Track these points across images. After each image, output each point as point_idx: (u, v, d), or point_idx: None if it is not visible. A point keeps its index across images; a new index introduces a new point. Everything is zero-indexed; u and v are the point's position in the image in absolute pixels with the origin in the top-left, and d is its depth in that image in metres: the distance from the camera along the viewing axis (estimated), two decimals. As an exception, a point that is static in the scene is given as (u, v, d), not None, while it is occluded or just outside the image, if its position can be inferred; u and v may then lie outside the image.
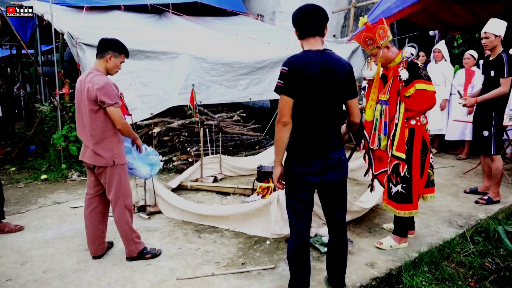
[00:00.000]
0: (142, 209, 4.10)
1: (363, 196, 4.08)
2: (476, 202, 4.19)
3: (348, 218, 3.70)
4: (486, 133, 4.11)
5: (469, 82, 6.08)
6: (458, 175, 5.34)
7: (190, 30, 7.24)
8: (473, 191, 4.50)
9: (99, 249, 3.07)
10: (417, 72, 3.01)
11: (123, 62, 3.00)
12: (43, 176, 5.46)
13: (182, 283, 2.73)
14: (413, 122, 3.12)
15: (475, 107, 4.34)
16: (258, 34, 7.61)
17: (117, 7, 7.10)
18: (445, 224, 3.70)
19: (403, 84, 3.04)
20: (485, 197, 4.19)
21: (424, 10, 6.95)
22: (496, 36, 3.98)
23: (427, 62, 6.98)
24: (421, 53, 6.81)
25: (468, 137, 6.22)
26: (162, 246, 3.28)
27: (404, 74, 3.01)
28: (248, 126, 7.01)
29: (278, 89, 2.19)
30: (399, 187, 3.13)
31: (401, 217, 3.19)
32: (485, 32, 4.03)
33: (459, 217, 3.87)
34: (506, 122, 5.07)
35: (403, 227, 3.26)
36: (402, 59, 3.10)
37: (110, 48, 2.88)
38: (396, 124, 3.08)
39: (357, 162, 5.16)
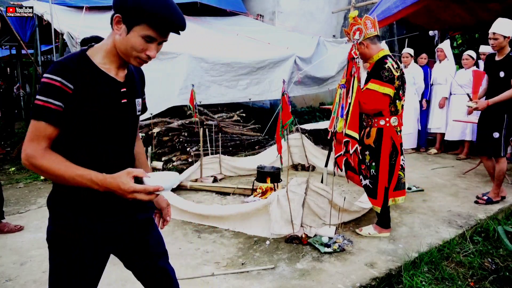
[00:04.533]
0: (141, 209, 4.09)
1: (363, 196, 4.07)
2: (476, 202, 4.18)
3: (348, 218, 3.71)
4: (496, 134, 4.02)
5: (479, 84, 5.91)
6: (458, 175, 5.34)
7: (190, 30, 7.22)
8: (489, 201, 4.19)
9: None
10: (378, 72, 3.04)
11: None
12: (43, 176, 5.45)
13: (182, 283, 2.71)
14: (382, 122, 3.18)
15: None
16: (258, 34, 7.62)
17: (117, 7, 7.09)
18: (445, 224, 3.70)
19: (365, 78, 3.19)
20: (485, 197, 4.17)
21: (424, 10, 6.97)
22: (505, 37, 3.88)
23: (429, 62, 7.00)
24: (423, 55, 6.78)
25: (468, 137, 6.22)
26: (162, 246, 3.28)
27: (359, 59, 3.13)
28: (247, 126, 7.01)
29: None
30: (367, 181, 3.33)
31: (381, 209, 3.34)
32: (493, 33, 3.91)
33: (458, 217, 3.87)
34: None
35: (384, 219, 3.40)
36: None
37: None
38: (349, 104, 3.10)
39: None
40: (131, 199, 1.31)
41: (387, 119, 3.16)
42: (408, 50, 6.71)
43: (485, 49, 6.10)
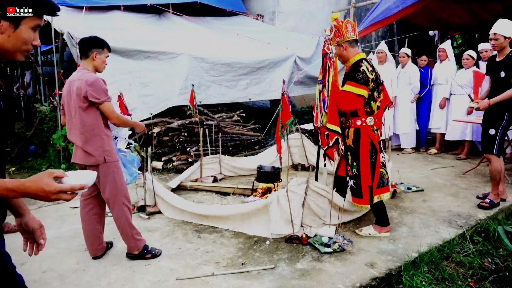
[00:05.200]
0: (142, 209, 4.10)
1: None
2: (479, 206, 4.09)
3: (348, 218, 3.71)
4: (492, 131, 4.01)
5: (479, 85, 5.90)
6: (458, 175, 5.34)
7: (190, 30, 7.24)
8: (487, 196, 4.22)
9: (98, 249, 3.07)
10: (354, 74, 3.18)
11: (108, 56, 3.02)
12: None
13: (181, 283, 2.73)
14: (358, 122, 3.30)
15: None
16: (258, 34, 7.61)
17: (117, 7, 7.09)
18: (445, 224, 3.70)
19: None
20: (487, 200, 4.10)
21: (424, 10, 6.96)
22: (505, 37, 3.88)
23: (429, 63, 7.00)
24: (424, 57, 6.77)
25: (469, 137, 6.22)
26: (162, 246, 3.28)
27: (333, 50, 3.32)
28: (247, 126, 7.01)
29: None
30: (351, 182, 3.43)
31: (375, 208, 3.43)
32: (494, 34, 3.92)
33: (458, 217, 3.87)
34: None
35: (382, 217, 3.45)
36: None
37: (93, 46, 2.89)
38: (326, 98, 3.32)
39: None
40: (54, 200, 1.27)
41: (363, 119, 3.29)
42: (405, 50, 6.74)
43: (484, 46, 6.10)
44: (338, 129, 3.24)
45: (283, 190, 3.37)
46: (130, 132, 3.24)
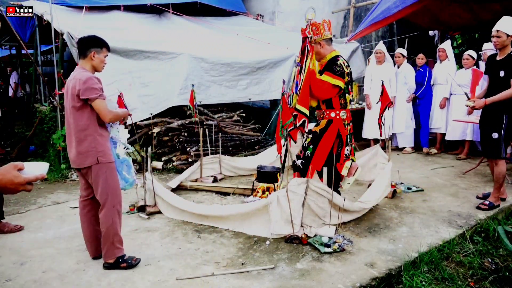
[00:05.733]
0: (142, 209, 4.10)
1: (362, 196, 4.07)
2: (478, 207, 4.05)
3: (348, 218, 3.71)
4: (495, 135, 3.93)
5: (477, 83, 5.89)
6: (458, 175, 5.34)
7: (190, 30, 7.24)
8: (487, 196, 4.21)
9: (98, 250, 3.04)
10: (331, 67, 3.46)
11: (107, 56, 2.98)
12: (43, 176, 5.45)
13: (181, 283, 2.73)
14: (332, 114, 3.56)
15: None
16: (258, 34, 7.61)
17: (117, 7, 7.09)
18: (445, 224, 3.70)
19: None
20: (487, 202, 4.06)
21: (424, 10, 6.97)
22: (508, 35, 3.78)
23: (428, 62, 7.00)
24: (421, 55, 6.78)
25: (469, 137, 6.22)
26: (162, 246, 3.28)
27: (313, 38, 3.49)
28: (247, 126, 7.00)
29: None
30: (299, 161, 3.63)
31: None
32: (497, 31, 3.81)
33: (458, 217, 3.87)
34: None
35: None
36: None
37: (91, 45, 2.87)
38: (302, 80, 3.40)
39: (357, 162, 5.16)
40: (20, 191, 1.31)
41: (337, 112, 3.55)
42: (400, 50, 6.78)
43: (488, 46, 6.09)
44: (306, 111, 3.40)
45: (283, 190, 3.37)
46: (128, 135, 3.17)
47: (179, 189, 4.77)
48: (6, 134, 8.04)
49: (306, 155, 3.62)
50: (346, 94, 3.54)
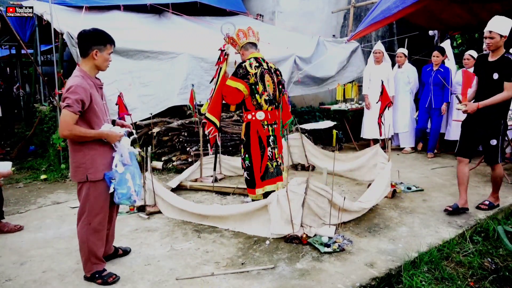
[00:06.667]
0: (141, 209, 4.10)
1: (362, 196, 4.08)
2: (478, 207, 4.03)
3: (348, 218, 3.71)
4: (494, 141, 3.82)
5: (468, 85, 5.36)
6: (458, 175, 5.34)
7: (190, 30, 7.23)
8: (455, 209, 3.89)
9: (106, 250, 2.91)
10: (236, 70, 3.61)
11: (111, 52, 2.66)
12: (43, 176, 5.46)
13: (181, 283, 2.73)
14: (249, 116, 3.64)
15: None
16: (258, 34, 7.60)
17: (117, 7, 7.09)
18: (445, 224, 3.70)
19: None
20: (486, 202, 4.04)
21: (424, 10, 6.96)
22: (501, 36, 3.61)
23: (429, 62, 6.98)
24: (436, 53, 6.20)
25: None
26: (162, 246, 3.28)
27: (229, 47, 3.89)
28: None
29: None
30: (245, 174, 3.74)
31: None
32: (490, 32, 3.63)
33: (458, 217, 3.86)
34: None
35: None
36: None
37: (92, 42, 2.55)
38: (214, 90, 3.62)
39: (357, 162, 5.17)
40: None
41: (253, 114, 3.62)
42: (402, 50, 6.75)
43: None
44: (216, 120, 3.63)
45: (283, 190, 3.38)
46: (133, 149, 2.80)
47: (179, 189, 4.77)
48: (6, 134, 8.04)
49: (247, 165, 3.71)
50: (257, 95, 3.58)
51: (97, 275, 2.71)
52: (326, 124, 7.22)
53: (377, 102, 5.11)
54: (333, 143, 6.79)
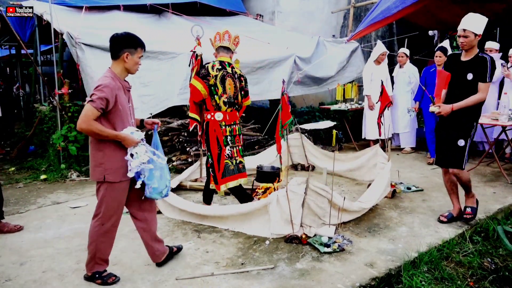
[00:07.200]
0: (141, 209, 4.09)
1: (362, 196, 4.08)
2: (465, 219, 3.70)
3: (348, 218, 3.71)
4: (462, 142, 3.53)
5: (443, 86, 5.23)
6: (458, 175, 5.34)
7: (190, 30, 7.22)
8: (450, 219, 3.77)
9: (155, 256, 2.94)
10: (199, 71, 3.81)
11: (141, 56, 2.71)
12: (43, 176, 5.46)
13: (181, 283, 2.73)
14: (208, 116, 3.78)
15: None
16: (258, 34, 7.60)
17: (117, 7, 7.08)
18: (444, 224, 3.70)
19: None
20: (469, 210, 3.69)
21: (424, 10, 6.96)
22: (476, 35, 3.40)
23: (429, 63, 6.98)
24: (438, 53, 6.30)
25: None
26: (162, 246, 3.28)
27: (199, 49, 4.40)
28: (247, 126, 7.01)
29: None
30: (210, 170, 3.85)
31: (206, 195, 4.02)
32: (464, 30, 3.41)
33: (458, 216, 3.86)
34: (505, 122, 5.09)
35: (208, 199, 4.06)
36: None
37: (124, 45, 2.62)
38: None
39: (356, 162, 5.17)
40: None
41: (212, 114, 3.75)
42: (403, 50, 6.74)
43: (491, 45, 6.06)
44: (197, 116, 3.88)
45: (283, 190, 3.38)
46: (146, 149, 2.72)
47: (179, 189, 4.77)
48: (6, 134, 8.04)
49: (210, 162, 3.83)
50: (216, 96, 3.71)
51: (97, 275, 2.71)
52: (326, 124, 7.21)
53: (376, 102, 5.12)
54: (333, 143, 6.79)
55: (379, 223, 3.74)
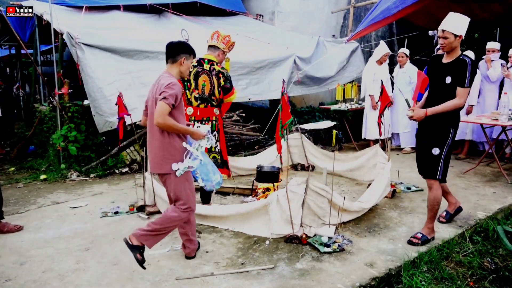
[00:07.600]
0: (141, 209, 4.10)
1: (362, 196, 4.08)
2: (409, 242, 3.30)
3: (348, 218, 3.71)
4: (436, 150, 3.27)
5: (421, 89, 4.84)
6: (457, 175, 5.34)
7: (190, 30, 7.22)
8: (448, 218, 3.74)
9: (190, 250, 3.08)
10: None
11: (192, 63, 3.08)
12: (42, 176, 5.46)
13: (181, 283, 2.73)
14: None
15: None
16: (258, 34, 7.60)
17: (117, 7, 7.08)
18: (444, 224, 3.70)
19: None
20: (419, 235, 3.31)
21: (424, 10, 6.97)
22: (456, 36, 3.16)
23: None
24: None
25: (468, 136, 6.23)
26: (162, 246, 3.28)
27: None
28: (247, 126, 7.01)
29: None
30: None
31: None
32: (443, 31, 3.19)
33: (458, 217, 3.86)
34: (505, 122, 5.09)
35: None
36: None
37: (182, 51, 2.93)
38: None
39: (356, 162, 5.17)
40: None
41: (185, 109, 3.78)
42: (403, 50, 6.74)
43: (493, 45, 6.06)
44: (188, 110, 3.99)
45: (283, 190, 3.38)
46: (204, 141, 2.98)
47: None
48: (6, 134, 8.04)
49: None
50: (187, 91, 3.95)
51: (141, 250, 2.78)
52: (326, 124, 7.22)
53: (377, 102, 5.12)
54: (333, 143, 6.79)
55: (379, 223, 3.74)
